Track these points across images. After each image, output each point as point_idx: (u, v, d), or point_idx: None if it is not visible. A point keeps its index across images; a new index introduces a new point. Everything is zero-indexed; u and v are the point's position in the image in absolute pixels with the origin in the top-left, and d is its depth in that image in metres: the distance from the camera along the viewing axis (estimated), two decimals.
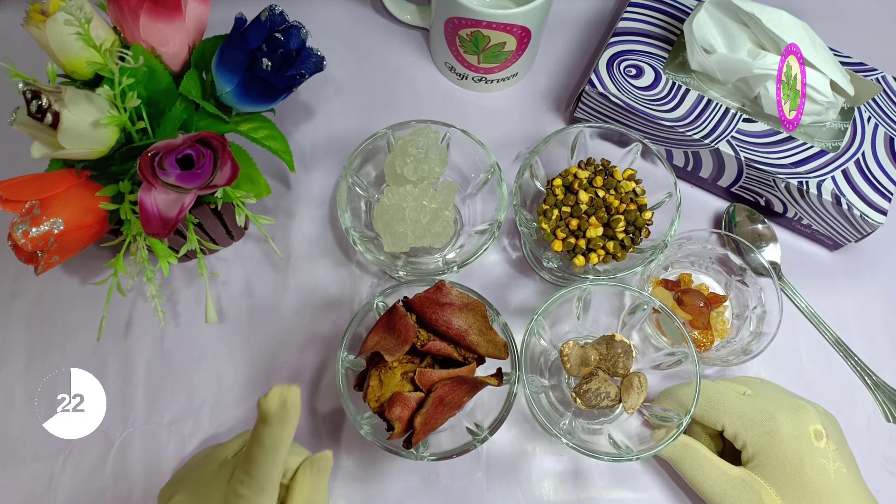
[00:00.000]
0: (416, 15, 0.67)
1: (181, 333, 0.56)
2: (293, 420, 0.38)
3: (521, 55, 0.62)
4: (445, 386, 0.44)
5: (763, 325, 0.55)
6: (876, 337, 0.59)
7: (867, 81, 0.60)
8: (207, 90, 0.51)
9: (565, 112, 0.66)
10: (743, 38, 0.57)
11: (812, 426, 0.48)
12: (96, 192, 0.46)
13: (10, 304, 0.56)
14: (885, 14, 0.73)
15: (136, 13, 0.47)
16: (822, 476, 0.46)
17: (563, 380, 0.54)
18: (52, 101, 0.41)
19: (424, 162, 0.52)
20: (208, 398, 0.54)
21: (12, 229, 0.42)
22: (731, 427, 0.49)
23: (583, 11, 0.71)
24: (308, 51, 0.51)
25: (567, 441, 0.46)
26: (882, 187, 0.57)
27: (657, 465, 0.54)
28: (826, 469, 0.46)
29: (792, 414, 0.48)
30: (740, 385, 0.51)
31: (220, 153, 0.43)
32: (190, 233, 0.49)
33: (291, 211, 0.60)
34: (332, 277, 0.58)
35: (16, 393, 0.53)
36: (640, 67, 0.60)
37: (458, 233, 0.58)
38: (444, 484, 0.53)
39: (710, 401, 0.50)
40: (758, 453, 0.48)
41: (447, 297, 0.46)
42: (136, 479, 0.52)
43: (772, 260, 0.61)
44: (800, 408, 0.48)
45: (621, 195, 0.55)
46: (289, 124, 0.63)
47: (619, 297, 0.53)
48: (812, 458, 0.46)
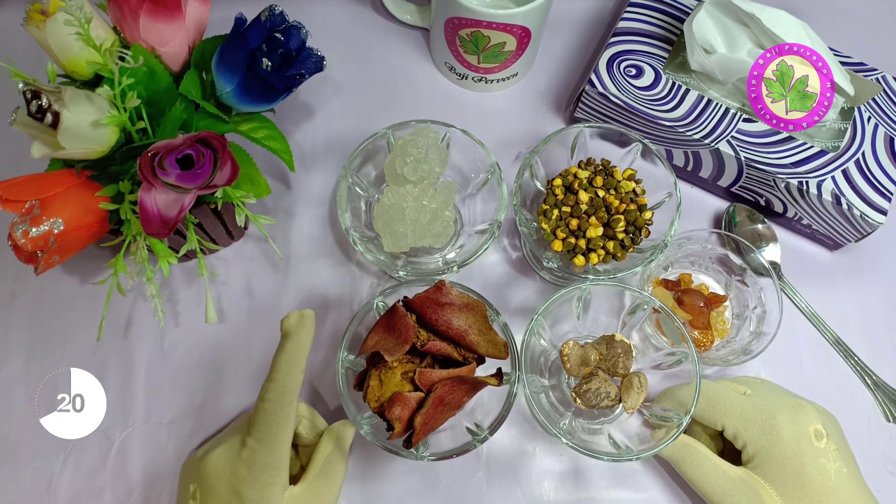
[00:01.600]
0: (416, 15, 0.67)
1: (181, 333, 0.56)
2: (309, 331, 0.46)
3: (521, 55, 0.62)
4: (445, 386, 0.44)
5: (763, 325, 0.55)
6: (876, 337, 0.59)
7: (867, 81, 0.60)
8: (207, 90, 0.51)
9: (565, 112, 0.66)
10: (743, 38, 0.57)
11: (812, 426, 0.48)
12: (96, 192, 0.46)
13: (10, 304, 0.56)
14: (885, 14, 0.73)
15: (136, 13, 0.47)
16: (822, 476, 0.46)
17: (563, 380, 0.54)
18: (52, 101, 0.41)
19: (424, 162, 0.52)
20: (208, 398, 0.54)
21: (12, 229, 0.42)
22: (731, 427, 0.49)
23: (583, 11, 0.71)
24: (308, 51, 0.51)
25: (567, 441, 0.46)
26: (882, 187, 0.57)
27: (657, 465, 0.54)
28: (826, 469, 0.46)
29: (792, 414, 0.48)
30: (741, 385, 0.51)
31: (220, 153, 0.43)
32: (190, 233, 0.49)
33: (291, 211, 0.60)
34: (332, 277, 0.58)
35: (16, 393, 0.53)
36: (640, 67, 0.60)
37: (458, 233, 0.58)
38: (444, 484, 0.53)
39: (711, 401, 0.50)
40: (758, 453, 0.48)
41: (447, 297, 0.46)
42: (136, 479, 0.52)
43: (772, 260, 0.61)
44: (800, 408, 0.48)
45: (621, 195, 0.55)
46: (289, 124, 0.63)
47: (619, 297, 0.53)
48: (812, 459, 0.46)
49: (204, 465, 0.46)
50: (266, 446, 0.45)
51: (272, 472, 0.45)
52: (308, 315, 0.46)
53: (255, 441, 0.45)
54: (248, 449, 0.45)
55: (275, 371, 0.45)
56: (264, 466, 0.45)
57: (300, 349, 0.46)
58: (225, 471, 0.45)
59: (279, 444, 0.45)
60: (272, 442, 0.45)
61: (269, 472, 0.45)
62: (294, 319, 0.46)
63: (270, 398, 0.45)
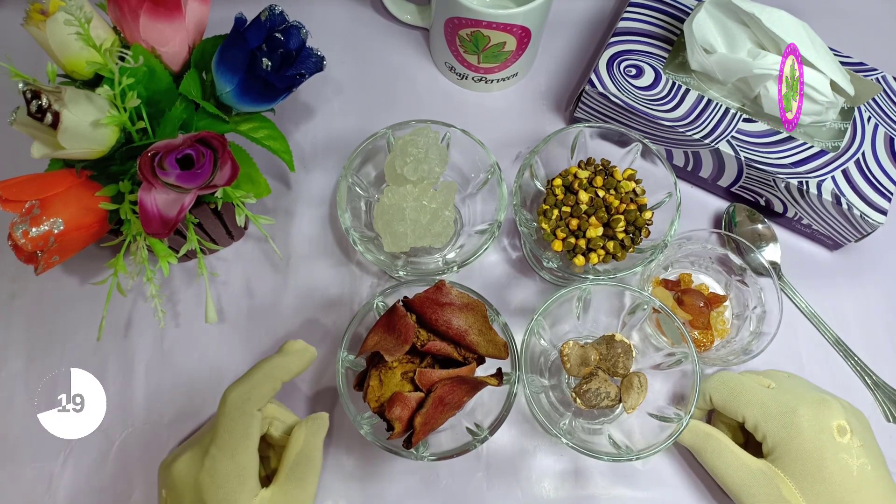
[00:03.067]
0: (416, 15, 0.67)
1: (181, 333, 0.56)
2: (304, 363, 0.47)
3: (521, 55, 0.62)
4: (445, 386, 0.44)
5: (763, 325, 0.55)
6: (876, 337, 0.59)
7: (867, 81, 0.60)
8: (207, 90, 0.51)
9: (565, 112, 0.66)
10: (743, 38, 0.57)
11: (835, 421, 0.47)
12: (96, 192, 0.46)
13: (10, 304, 0.56)
14: (885, 14, 0.73)
15: (136, 13, 0.47)
16: (843, 472, 0.46)
17: (563, 380, 0.54)
18: (52, 101, 0.41)
19: (424, 162, 0.52)
20: (208, 398, 0.54)
21: (12, 229, 0.42)
22: (751, 418, 0.49)
23: (583, 11, 0.71)
24: (308, 51, 0.51)
25: (567, 441, 0.46)
26: (882, 187, 0.57)
27: (657, 464, 0.54)
28: (848, 465, 0.46)
29: (814, 408, 0.48)
30: (766, 378, 0.51)
31: (220, 153, 0.43)
32: (190, 233, 0.49)
33: (291, 211, 0.60)
34: (332, 277, 0.58)
35: (16, 393, 0.53)
36: (640, 67, 0.60)
37: (458, 233, 0.58)
38: (444, 484, 0.53)
39: (733, 392, 0.50)
40: (777, 446, 0.48)
41: (447, 297, 0.46)
42: (136, 479, 0.52)
43: (772, 260, 0.61)
44: (823, 402, 0.48)
45: (621, 195, 0.55)
46: (289, 124, 0.63)
47: (619, 297, 0.53)
48: (834, 454, 0.46)
49: (171, 472, 0.45)
50: (227, 455, 0.44)
51: (235, 480, 0.43)
52: (311, 351, 0.48)
53: (216, 449, 0.44)
54: (211, 457, 0.44)
55: (247, 375, 0.45)
56: (227, 475, 0.43)
57: (285, 370, 0.46)
58: (189, 479, 0.44)
59: (240, 453, 0.44)
60: (233, 451, 0.44)
61: (232, 480, 0.43)
62: (298, 347, 0.47)
63: (233, 402, 0.44)
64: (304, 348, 0.48)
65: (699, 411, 0.54)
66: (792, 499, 0.46)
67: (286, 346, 0.48)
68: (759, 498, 0.47)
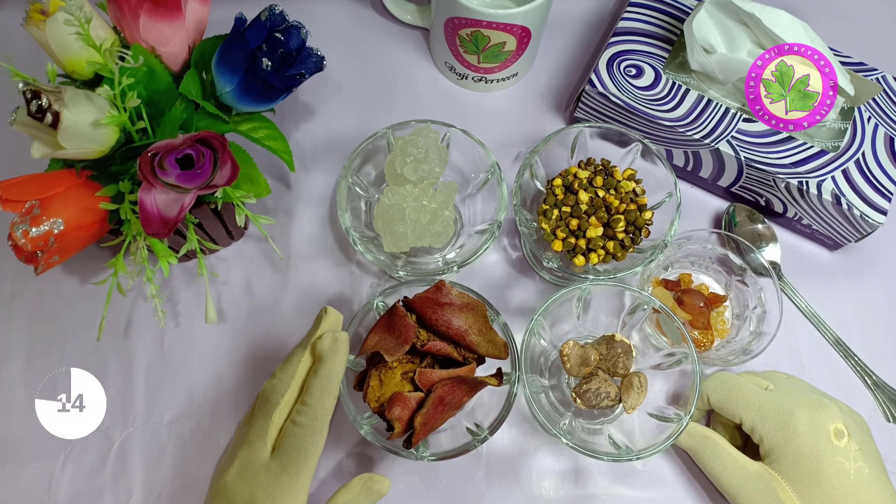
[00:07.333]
0: (416, 15, 0.67)
1: (181, 333, 0.56)
2: (343, 355, 0.45)
3: (521, 55, 0.62)
4: (445, 386, 0.44)
5: (763, 325, 0.55)
6: (876, 337, 0.59)
7: (867, 81, 0.60)
8: (207, 90, 0.51)
9: (565, 112, 0.66)
10: (743, 38, 0.57)
11: (832, 425, 0.47)
12: (96, 192, 0.46)
13: (10, 304, 0.56)
14: (885, 14, 0.73)
15: (136, 13, 0.47)
16: (840, 475, 0.46)
17: (563, 380, 0.54)
18: (52, 101, 0.41)
19: (424, 162, 0.52)
20: (208, 398, 0.54)
21: (12, 229, 0.42)
22: (748, 420, 0.49)
23: (583, 11, 0.71)
24: (308, 51, 0.51)
25: (567, 441, 0.46)
26: (882, 187, 0.57)
27: (657, 464, 0.54)
28: (846, 468, 0.46)
29: (811, 411, 0.48)
30: (764, 380, 0.51)
31: (220, 153, 0.43)
32: (190, 233, 0.49)
33: (291, 211, 0.60)
34: (332, 277, 0.58)
35: (16, 393, 0.53)
36: (640, 67, 0.60)
37: (458, 233, 0.58)
38: (444, 484, 0.53)
39: (730, 393, 0.50)
40: (774, 448, 0.48)
41: (447, 297, 0.46)
42: (136, 479, 0.52)
43: (772, 260, 0.60)
44: (821, 405, 0.48)
45: (621, 195, 0.55)
46: (289, 124, 0.63)
47: (619, 297, 0.53)
48: (831, 457, 0.46)
49: (220, 486, 0.45)
50: (291, 472, 0.43)
51: (292, 498, 0.43)
52: (342, 338, 0.46)
53: (278, 465, 0.44)
54: (271, 473, 0.43)
55: (307, 395, 0.45)
56: (285, 492, 0.43)
57: (334, 374, 0.45)
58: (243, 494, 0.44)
59: (304, 471, 0.44)
60: (297, 469, 0.44)
61: (290, 498, 0.43)
62: (328, 343, 0.45)
63: (302, 423, 0.44)
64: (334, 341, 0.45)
65: (698, 412, 0.54)
66: (789, 502, 0.46)
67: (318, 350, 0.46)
68: (755, 501, 0.47)
